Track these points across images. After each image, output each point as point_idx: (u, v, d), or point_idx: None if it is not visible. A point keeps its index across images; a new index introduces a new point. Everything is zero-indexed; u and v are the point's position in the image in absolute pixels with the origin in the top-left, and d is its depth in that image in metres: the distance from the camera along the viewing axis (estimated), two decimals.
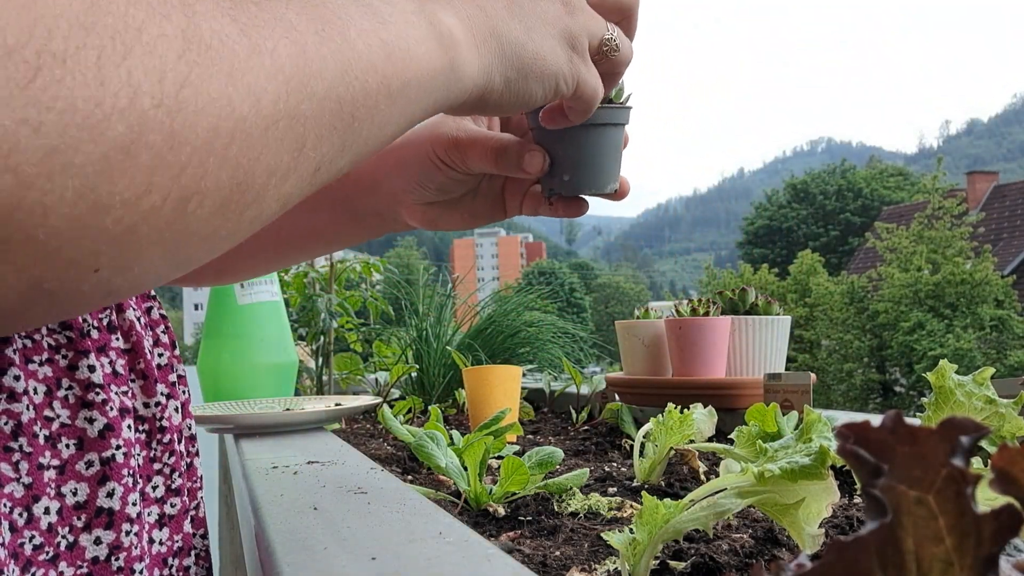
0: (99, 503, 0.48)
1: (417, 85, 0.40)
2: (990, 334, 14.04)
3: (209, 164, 0.30)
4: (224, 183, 0.31)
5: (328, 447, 0.81)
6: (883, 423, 0.21)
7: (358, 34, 0.36)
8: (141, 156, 0.28)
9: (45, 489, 0.46)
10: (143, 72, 0.27)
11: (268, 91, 0.32)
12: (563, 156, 0.57)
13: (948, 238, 14.72)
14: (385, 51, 0.38)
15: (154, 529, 0.55)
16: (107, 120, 0.27)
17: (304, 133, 0.34)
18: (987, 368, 0.69)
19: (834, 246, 33.76)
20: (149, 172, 0.28)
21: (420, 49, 0.40)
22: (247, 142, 0.31)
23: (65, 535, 0.47)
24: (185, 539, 0.57)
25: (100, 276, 0.30)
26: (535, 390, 1.57)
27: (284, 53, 0.32)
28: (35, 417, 0.46)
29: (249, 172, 0.32)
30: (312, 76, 0.34)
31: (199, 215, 0.31)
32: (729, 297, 1.23)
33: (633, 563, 0.50)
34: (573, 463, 0.94)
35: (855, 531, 0.44)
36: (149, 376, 0.55)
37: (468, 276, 2.49)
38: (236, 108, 0.30)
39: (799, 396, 0.97)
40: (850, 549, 0.20)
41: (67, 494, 0.47)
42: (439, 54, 0.41)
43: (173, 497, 0.56)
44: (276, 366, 1.43)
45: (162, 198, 0.29)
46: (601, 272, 63.59)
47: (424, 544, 0.42)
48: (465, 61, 0.43)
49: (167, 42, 0.28)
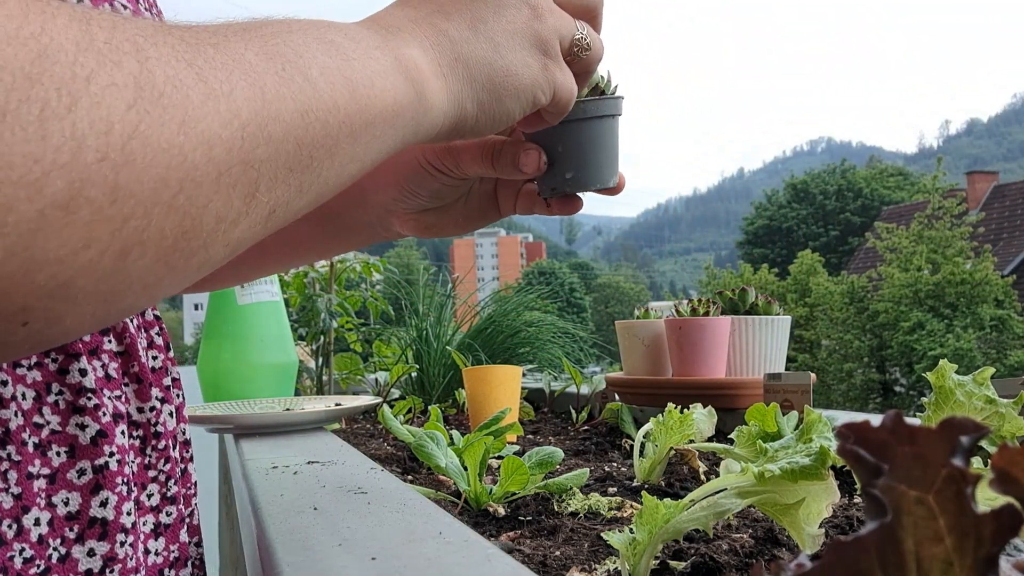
0: (92, 513, 0.47)
1: (383, 122, 0.39)
2: (990, 334, 14.04)
3: (153, 215, 0.28)
4: (168, 233, 0.29)
5: (328, 447, 0.81)
6: (883, 423, 0.21)
7: (320, 72, 0.35)
8: (80, 211, 0.26)
9: (35, 499, 0.44)
10: (88, 124, 0.26)
11: (222, 137, 0.30)
12: (563, 153, 0.57)
13: (948, 238, 14.71)
14: (348, 88, 0.36)
15: (149, 539, 0.53)
16: (46, 177, 0.25)
17: (257, 178, 0.32)
18: (987, 368, 0.69)
19: (834, 246, 33.75)
20: (87, 227, 0.27)
21: (385, 83, 0.39)
22: (196, 191, 0.30)
23: (57, 547, 0.45)
24: (181, 549, 0.56)
25: (30, 329, 0.28)
26: (535, 390, 1.57)
27: (241, 97, 0.31)
28: (24, 424, 0.44)
29: (196, 220, 0.30)
30: (270, 119, 0.32)
31: (140, 265, 0.29)
32: (729, 297, 1.23)
33: (633, 563, 0.50)
34: (573, 463, 0.94)
35: (855, 531, 0.44)
36: (143, 380, 0.53)
37: (468, 276, 2.49)
38: (187, 157, 0.29)
39: (799, 396, 0.96)
40: (850, 549, 0.20)
41: (58, 504, 0.46)
42: (405, 88, 0.40)
43: (169, 505, 0.55)
44: (276, 366, 1.43)
45: (100, 252, 0.27)
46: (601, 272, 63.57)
47: (424, 544, 0.42)
48: (432, 91, 0.42)
49: (117, 92, 0.27)
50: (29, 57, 0.25)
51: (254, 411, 1.00)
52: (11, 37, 0.25)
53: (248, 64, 0.32)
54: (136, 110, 0.27)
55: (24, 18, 0.25)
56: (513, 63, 0.46)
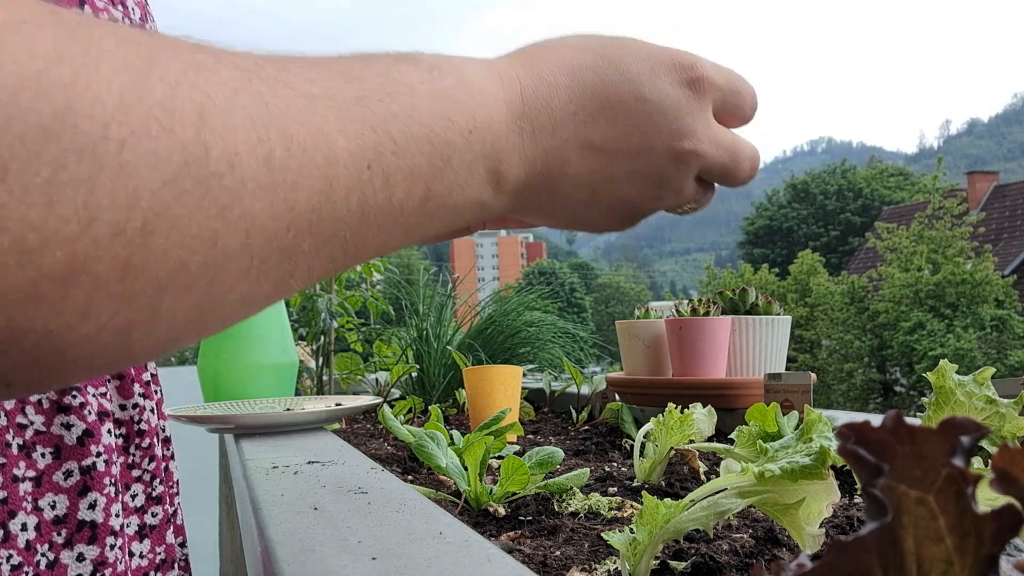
0: (80, 516, 0.46)
1: (440, 225, 0.35)
2: (990, 334, 14.04)
3: (165, 297, 0.25)
4: (181, 314, 0.26)
5: (328, 447, 0.81)
6: (883, 423, 0.21)
7: (404, 177, 0.31)
8: (81, 287, 0.23)
9: (21, 503, 0.43)
10: (109, 197, 0.22)
11: (266, 228, 0.26)
12: None
13: (948, 238, 14.72)
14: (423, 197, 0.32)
15: (133, 541, 0.52)
16: (44, 247, 0.21)
17: (295, 266, 0.28)
18: (987, 368, 0.69)
19: (834, 246, 33.76)
20: (86, 302, 0.23)
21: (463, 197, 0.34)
22: (221, 277, 0.26)
23: (45, 552, 0.44)
24: (168, 550, 0.54)
25: (12, 391, 0.25)
26: (535, 390, 1.57)
27: (306, 191, 0.27)
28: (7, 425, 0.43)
29: (217, 303, 0.27)
30: (326, 218, 0.28)
31: (145, 342, 0.26)
32: (729, 297, 1.23)
33: (633, 563, 0.50)
34: (573, 463, 0.94)
35: (855, 531, 0.44)
36: (125, 376, 0.52)
37: (468, 276, 2.49)
38: (219, 243, 0.25)
39: (799, 396, 0.96)
40: (850, 549, 0.20)
41: (45, 508, 0.45)
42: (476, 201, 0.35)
43: (154, 506, 0.54)
44: (276, 366, 1.43)
45: (98, 328, 0.24)
46: (601, 272, 63.52)
47: (424, 544, 0.42)
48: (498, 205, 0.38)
49: (155, 163, 0.23)
50: (51, 109, 0.21)
51: (254, 411, 1.00)
52: (33, 80, 0.20)
53: (332, 155, 0.27)
54: (172, 188, 0.23)
55: (58, 58, 0.21)
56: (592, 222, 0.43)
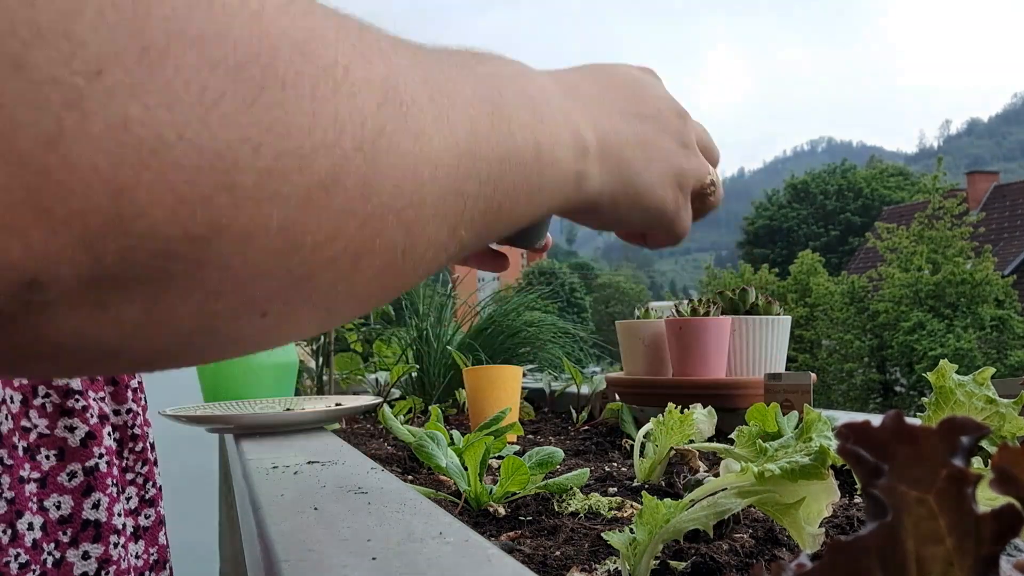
0: (85, 515, 0.47)
1: (551, 188, 0.39)
2: (990, 334, 14.04)
3: (387, 221, 0.28)
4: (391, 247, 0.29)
5: (328, 447, 0.81)
6: (883, 423, 0.21)
7: (519, 127, 0.35)
8: (337, 198, 0.26)
9: (27, 503, 0.44)
10: (348, 113, 0.26)
11: (444, 162, 0.30)
12: None
13: (948, 238, 14.71)
14: (536, 150, 0.37)
15: (129, 542, 0.53)
16: (315, 153, 0.25)
17: (462, 212, 0.32)
18: (987, 368, 0.69)
19: (834, 246, 33.75)
20: (339, 217, 0.27)
21: (561, 154, 0.39)
22: (420, 208, 0.30)
23: (51, 551, 0.45)
24: (160, 552, 0.56)
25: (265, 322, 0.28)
26: (535, 390, 1.57)
27: (461, 129, 0.31)
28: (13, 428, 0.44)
29: (414, 240, 0.30)
30: (479, 158, 0.32)
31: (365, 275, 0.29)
32: (729, 297, 1.23)
33: (633, 563, 0.50)
34: (573, 463, 0.94)
35: (855, 531, 0.44)
36: (119, 381, 0.53)
37: (468, 276, 2.48)
38: (419, 171, 0.29)
39: (799, 396, 0.96)
40: (850, 549, 0.20)
41: (50, 508, 0.46)
42: (573, 164, 0.41)
43: (147, 508, 0.55)
44: (276, 366, 1.43)
45: (343, 248, 0.27)
46: (601, 272, 63.55)
47: (424, 544, 0.42)
48: (590, 175, 0.43)
49: (369, 88, 0.27)
50: (301, 34, 0.25)
51: (254, 411, 1.00)
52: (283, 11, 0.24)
53: (466, 99, 0.32)
54: (384, 111, 0.27)
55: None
56: (655, 183, 0.48)
